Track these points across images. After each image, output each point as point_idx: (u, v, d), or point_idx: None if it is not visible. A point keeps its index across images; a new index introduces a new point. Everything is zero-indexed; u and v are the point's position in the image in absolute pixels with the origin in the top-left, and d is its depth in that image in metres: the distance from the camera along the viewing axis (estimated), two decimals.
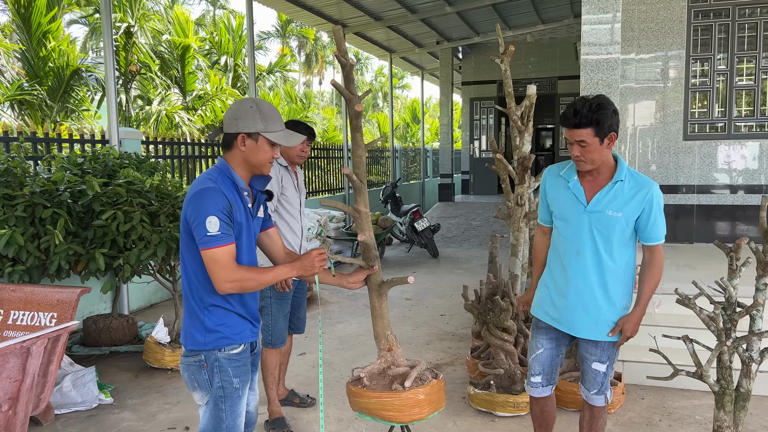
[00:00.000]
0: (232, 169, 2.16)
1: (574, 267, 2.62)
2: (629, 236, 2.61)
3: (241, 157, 2.15)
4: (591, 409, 2.79)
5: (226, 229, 2.03)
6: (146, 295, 6.78)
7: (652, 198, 2.54)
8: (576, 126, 2.48)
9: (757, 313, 2.72)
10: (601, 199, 2.57)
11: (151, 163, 5.30)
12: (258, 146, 2.14)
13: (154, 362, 4.70)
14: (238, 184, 2.15)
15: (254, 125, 2.11)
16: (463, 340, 5.39)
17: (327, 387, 4.34)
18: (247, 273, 2.07)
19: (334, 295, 7.26)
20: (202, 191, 2.04)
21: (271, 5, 10.44)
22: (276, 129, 2.16)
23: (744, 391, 2.77)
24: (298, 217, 3.77)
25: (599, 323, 2.62)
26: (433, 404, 2.43)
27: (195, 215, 2.03)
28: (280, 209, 3.68)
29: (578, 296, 2.62)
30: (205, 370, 2.13)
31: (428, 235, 9.86)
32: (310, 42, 43.07)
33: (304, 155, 3.74)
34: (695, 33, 6.91)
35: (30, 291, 3.64)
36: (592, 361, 2.68)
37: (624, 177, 2.57)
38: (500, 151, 4.48)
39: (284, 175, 3.67)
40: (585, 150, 2.51)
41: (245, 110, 2.12)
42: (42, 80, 10.80)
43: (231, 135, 2.14)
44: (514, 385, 3.81)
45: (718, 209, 6.94)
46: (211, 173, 2.14)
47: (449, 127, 16.53)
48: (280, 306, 3.69)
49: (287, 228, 3.70)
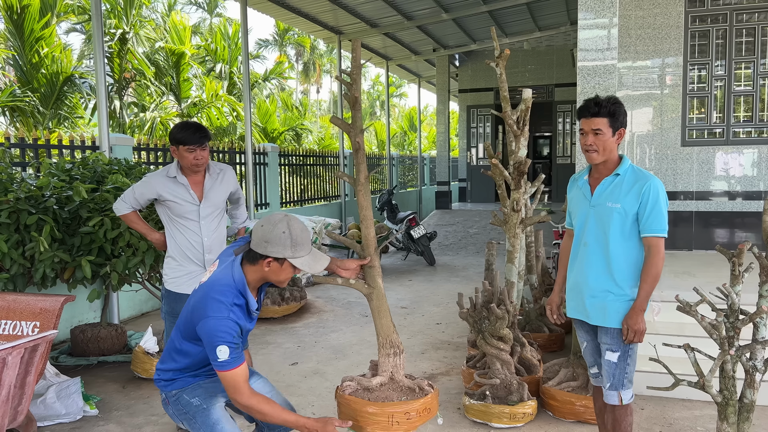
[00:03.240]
0: (248, 287, 2.21)
1: (581, 257, 2.82)
2: (630, 228, 2.70)
3: (262, 274, 2.23)
4: (614, 410, 2.83)
5: (235, 353, 2.11)
6: (137, 304, 6.67)
7: (650, 189, 2.64)
8: (595, 115, 2.68)
9: (761, 321, 2.63)
10: (602, 192, 2.76)
11: (141, 170, 5.21)
12: (282, 269, 2.21)
13: (143, 372, 4.58)
14: (250, 305, 2.23)
15: (283, 252, 2.16)
16: (459, 350, 5.29)
17: (318, 398, 4.23)
18: (258, 405, 2.16)
19: (328, 304, 7.16)
20: (215, 321, 2.10)
21: (266, 12, 10.40)
22: (303, 254, 2.20)
23: (748, 401, 2.68)
24: (198, 230, 3.53)
25: (607, 311, 2.72)
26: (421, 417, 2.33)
27: (206, 339, 2.11)
28: (175, 223, 3.52)
29: (587, 285, 2.78)
30: (168, 405, 2.37)
31: (425, 242, 9.77)
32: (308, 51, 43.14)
33: (199, 162, 3.46)
34: (693, 38, 6.86)
35: (12, 299, 3.53)
36: (605, 350, 2.78)
37: (624, 171, 2.73)
38: (496, 157, 4.40)
39: (173, 189, 3.48)
40: (598, 138, 2.69)
41: (277, 236, 2.16)
42: (34, 87, 10.72)
43: (257, 254, 2.19)
44: (511, 396, 3.70)
45: (717, 216, 6.86)
46: (225, 293, 2.16)
47: (446, 135, 16.48)
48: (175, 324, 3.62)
49: (186, 243, 3.52)
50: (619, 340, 2.72)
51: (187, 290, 3.51)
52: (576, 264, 2.87)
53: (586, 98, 2.80)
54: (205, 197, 3.55)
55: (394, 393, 2.37)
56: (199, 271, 3.56)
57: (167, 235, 3.58)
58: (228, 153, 8.98)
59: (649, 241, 2.66)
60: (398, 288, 8.03)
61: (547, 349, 4.97)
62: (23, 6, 10.47)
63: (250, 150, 8.96)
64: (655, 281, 2.65)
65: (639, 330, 2.63)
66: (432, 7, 11.66)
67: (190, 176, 3.54)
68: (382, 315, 2.44)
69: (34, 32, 10.59)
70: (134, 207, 3.58)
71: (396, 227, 10.17)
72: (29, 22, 10.52)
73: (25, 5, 10.49)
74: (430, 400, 2.35)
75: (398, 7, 11.37)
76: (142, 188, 3.53)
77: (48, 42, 10.91)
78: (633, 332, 2.64)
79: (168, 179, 3.50)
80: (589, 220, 2.79)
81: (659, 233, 2.65)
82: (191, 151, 3.41)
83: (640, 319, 2.64)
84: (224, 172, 3.69)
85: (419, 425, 2.32)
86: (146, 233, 3.66)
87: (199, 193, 3.55)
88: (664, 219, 2.66)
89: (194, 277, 3.53)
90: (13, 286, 4.18)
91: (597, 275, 2.75)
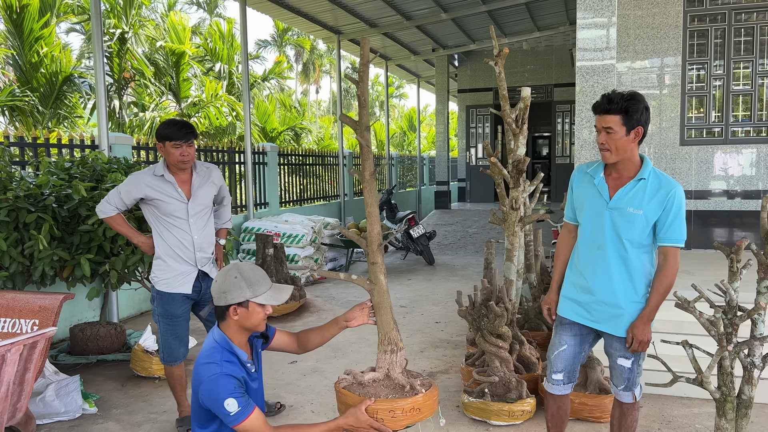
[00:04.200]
0: (231, 341, 2.23)
1: (595, 261, 2.66)
2: (648, 236, 2.60)
3: (236, 325, 2.23)
4: (620, 405, 2.80)
5: (245, 401, 2.11)
6: (137, 303, 6.67)
7: (674, 198, 2.54)
8: (606, 112, 2.53)
9: (759, 317, 2.64)
10: (623, 196, 2.60)
11: (140, 168, 5.22)
12: (249, 311, 2.22)
13: (142, 371, 4.59)
14: (240, 357, 2.23)
15: (242, 294, 2.19)
16: (458, 348, 5.30)
17: (317, 395, 4.24)
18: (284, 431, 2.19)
19: (328, 303, 7.16)
20: (212, 381, 2.11)
21: (265, 12, 10.40)
22: (263, 291, 2.23)
23: (746, 398, 2.68)
24: (188, 228, 3.49)
25: (620, 318, 2.63)
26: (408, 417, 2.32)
27: (212, 403, 2.11)
28: (163, 223, 3.47)
29: (600, 290, 2.65)
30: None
31: (424, 242, 9.77)
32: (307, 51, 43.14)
33: (185, 159, 3.43)
34: (691, 37, 6.87)
35: (11, 297, 3.54)
36: (618, 357, 2.70)
37: (647, 176, 2.59)
38: (495, 156, 4.40)
39: (160, 187, 3.44)
40: (610, 137, 2.54)
41: (231, 283, 2.20)
42: (34, 86, 10.72)
43: (222, 307, 2.22)
44: (509, 393, 3.71)
45: (716, 215, 6.87)
46: (212, 355, 2.19)
47: (445, 135, 16.49)
48: (170, 326, 3.54)
49: (176, 242, 3.48)
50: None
51: (180, 290, 3.50)
52: (586, 267, 2.69)
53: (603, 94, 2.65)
54: (194, 196, 3.52)
55: (385, 390, 2.36)
56: (191, 270, 3.53)
57: (155, 236, 3.53)
58: (227, 152, 8.97)
59: (667, 250, 2.57)
60: (397, 287, 8.03)
61: (546, 347, 4.97)
62: (22, 5, 10.48)
63: (250, 149, 8.96)
64: (667, 292, 2.58)
65: (645, 340, 2.57)
66: (431, 7, 11.67)
67: (177, 174, 3.50)
68: (383, 312, 2.44)
69: (34, 32, 10.59)
70: (119, 209, 3.51)
71: (395, 227, 10.17)
72: (29, 22, 10.52)
73: (24, 4, 10.50)
74: (421, 400, 2.32)
75: (397, 7, 11.38)
76: (128, 187, 3.46)
77: (47, 41, 10.91)
78: (638, 342, 2.57)
79: (155, 177, 3.45)
80: (605, 222, 2.62)
81: (678, 243, 2.56)
82: (177, 147, 3.39)
83: (647, 329, 2.57)
84: (211, 171, 3.67)
85: (407, 424, 2.31)
86: (132, 237, 3.60)
87: (187, 191, 3.51)
88: (685, 228, 2.56)
89: (186, 276, 3.52)
90: (12, 284, 4.19)
91: (615, 283, 2.61)
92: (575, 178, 2.84)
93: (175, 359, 3.60)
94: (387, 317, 2.45)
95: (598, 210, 2.65)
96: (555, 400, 2.89)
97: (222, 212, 3.95)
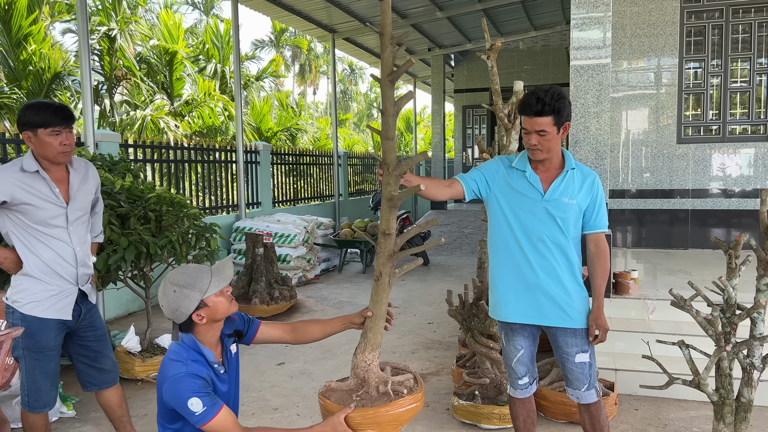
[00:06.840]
0: (199, 342, 2.11)
1: (535, 254, 2.60)
2: (578, 224, 2.64)
3: (204, 326, 2.11)
4: (588, 408, 2.70)
5: (210, 401, 2.00)
6: (123, 304, 6.54)
7: (598, 185, 2.63)
8: (538, 114, 2.47)
9: (759, 316, 2.53)
10: (557, 188, 2.59)
11: (125, 165, 5.10)
12: (211, 307, 2.09)
13: (124, 372, 4.46)
14: (208, 358, 2.12)
15: (193, 299, 2.06)
16: (450, 349, 5.18)
17: (305, 398, 4.11)
18: None
19: (319, 304, 7.04)
20: (174, 381, 2.00)
21: (259, 9, 10.29)
22: (207, 282, 2.09)
23: (745, 401, 2.57)
24: (68, 238, 2.79)
25: (573, 311, 2.59)
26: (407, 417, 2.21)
27: (175, 402, 2.00)
28: (34, 234, 2.72)
29: (547, 283, 2.59)
30: None
31: (418, 242, 9.66)
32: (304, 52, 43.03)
33: (67, 150, 2.73)
34: (688, 34, 6.77)
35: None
36: (575, 353, 2.62)
37: (574, 165, 2.64)
38: (488, 152, 4.29)
39: (32, 186, 2.69)
40: (543, 139, 2.50)
41: (174, 297, 2.06)
42: (22, 83, 10.57)
43: (186, 322, 2.10)
44: (500, 396, 3.59)
45: (713, 214, 6.77)
46: (178, 353, 2.07)
47: (441, 135, 16.40)
48: (39, 362, 2.78)
49: (53, 256, 2.75)
50: (587, 340, 2.63)
51: (57, 315, 2.78)
52: (528, 260, 2.59)
53: (527, 93, 2.56)
54: (72, 198, 2.81)
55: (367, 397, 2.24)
56: (71, 289, 2.83)
57: (23, 251, 2.74)
58: (219, 151, 8.85)
59: (598, 236, 2.64)
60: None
61: (539, 349, 4.85)
62: (9, 2, 10.34)
63: (241, 147, 8.83)
64: (608, 276, 2.66)
65: (607, 328, 2.59)
66: (426, 5, 11.58)
67: (52, 171, 2.77)
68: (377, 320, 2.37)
69: (22, 28, 10.46)
70: None
71: None
72: (17, 19, 10.39)
73: (11, 1, 10.37)
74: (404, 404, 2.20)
75: (392, 5, 11.24)
76: None
77: (36, 38, 10.77)
78: (604, 331, 2.57)
79: (25, 174, 2.69)
80: (544, 214, 2.57)
81: (606, 229, 2.65)
82: (57, 134, 2.68)
83: (604, 317, 2.60)
84: (89, 169, 2.97)
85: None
86: None
87: (65, 192, 2.80)
88: (606, 214, 2.68)
89: (65, 298, 2.81)
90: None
91: (558, 274, 2.58)
92: (501, 168, 2.69)
93: (44, 405, 2.86)
94: (378, 326, 2.38)
95: (532, 203, 2.60)
96: (524, 404, 2.85)
97: (94, 222, 3.13)
